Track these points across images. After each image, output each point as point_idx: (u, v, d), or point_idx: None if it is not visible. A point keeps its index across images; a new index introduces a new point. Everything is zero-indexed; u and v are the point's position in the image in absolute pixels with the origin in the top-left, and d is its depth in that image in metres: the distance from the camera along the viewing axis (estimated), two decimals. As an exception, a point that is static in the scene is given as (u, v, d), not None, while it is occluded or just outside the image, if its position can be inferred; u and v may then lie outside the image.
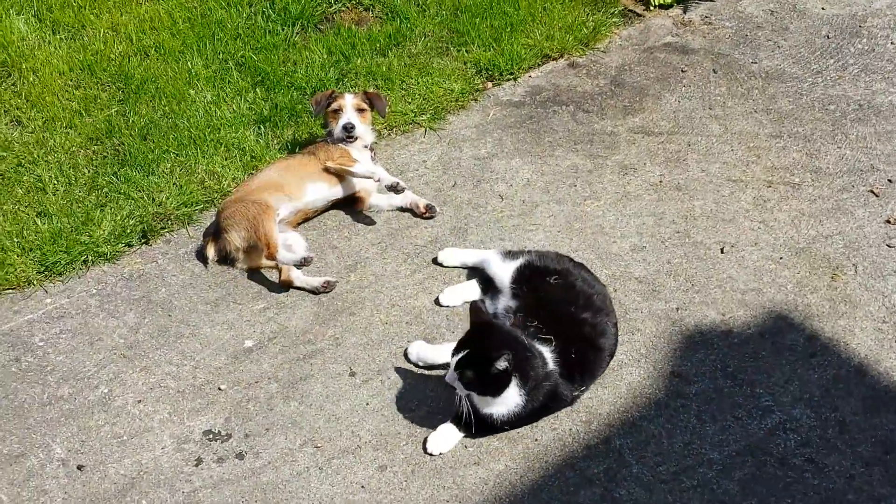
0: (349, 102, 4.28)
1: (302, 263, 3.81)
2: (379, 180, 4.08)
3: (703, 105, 4.78)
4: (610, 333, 3.41)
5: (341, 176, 4.13)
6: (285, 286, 3.85)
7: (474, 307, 3.22)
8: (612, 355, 3.44)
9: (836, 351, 3.55)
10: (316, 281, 3.82)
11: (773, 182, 4.30)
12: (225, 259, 3.94)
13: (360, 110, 4.30)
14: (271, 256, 3.79)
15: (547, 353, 3.24)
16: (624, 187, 4.31)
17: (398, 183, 4.02)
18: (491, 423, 3.19)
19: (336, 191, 4.16)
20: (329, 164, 4.10)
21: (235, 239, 3.84)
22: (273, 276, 3.91)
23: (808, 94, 4.80)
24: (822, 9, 5.41)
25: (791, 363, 3.51)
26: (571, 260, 3.63)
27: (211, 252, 3.93)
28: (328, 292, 3.81)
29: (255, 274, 3.94)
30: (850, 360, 3.52)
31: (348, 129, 4.22)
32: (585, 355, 3.33)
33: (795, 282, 3.83)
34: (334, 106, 4.29)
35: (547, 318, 3.33)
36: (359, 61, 5.01)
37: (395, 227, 4.14)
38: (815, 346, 3.57)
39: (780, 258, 3.93)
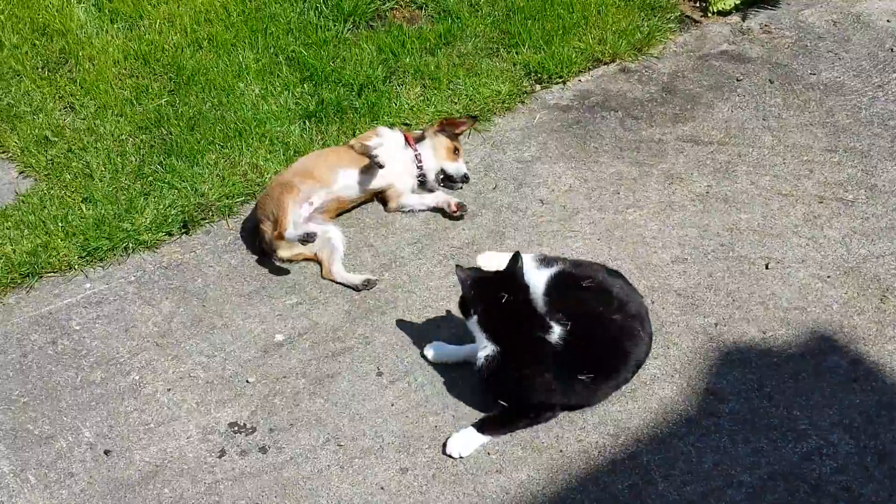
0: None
1: (305, 239, 3.71)
2: (376, 156, 3.95)
3: (756, 116, 4.65)
4: (640, 340, 3.32)
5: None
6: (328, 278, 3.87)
7: (514, 256, 3.31)
8: (638, 364, 3.36)
9: (880, 376, 3.42)
10: (356, 278, 3.81)
11: (825, 198, 4.16)
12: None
13: None
14: (280, 232, 3.75)
15: (557, 329, 3.20)
16: (669, 197, 4.21)
17: (377, 157, 3.92)
18: (478, 371, 3.24)
19: (369, 179, 4.08)
20: (353, 141, 4.07)
21: (269, 228, 3.84)
22: (309, 270, 3.92)
23: (868, 109, 4.64)
24: (888, 21, 5.23)
25: (832, 386, 3.39)
26: (612, 270, 3.56)
27: (277, 254, 3.90)
28: (369, 289, 3.80)
29: (291, 268, 3.94)
30: (895, 386, 3.38)
31: (466, 179, 4.23)
32: (602, 350, 3.25)
33: (842, 302, 3.70)
34: (456, 145, 4.27)
35: (571, 314, 3.27)
36: (407, 59, 4.99)
37: (432, 227, 4.11)
38: (859, 370, 3.44)
39: (828, 277, 3.80)
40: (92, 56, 5.04)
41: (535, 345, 3.19)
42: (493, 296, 3.22)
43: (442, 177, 4.25)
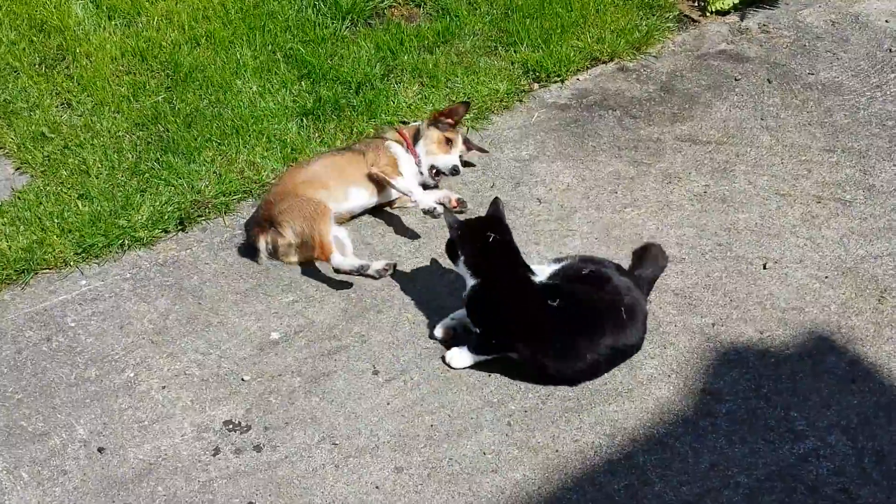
0: (459, 144, 4.18)
1: (359, 272, 3.71)
2: (415, 202, 3.98)
3: (754, 115, 4.65)
4: (622, 324, 3.32)
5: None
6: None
7: (494, 201, 3.60)
8: (615, 348, 3.34)
9: (878, 377, 3.41)
10: (378, 264, 3.76)
11: (823, 198, 4.16)
12: (273, 253, 3.91)
13: (459, 155, 4.20)
14: (325, 258, 3.74)
15: (540, 279, 3.42)
16: (666, 196, 4.20)
17: (434, 209, 3.91)
18: (465, 303, 3.49)
19: (377, 199, 4.11)
20: (373, 169, 4.03)
21: (290, 236, 3.80)
22: (306, 268, 3.90)
23: (866, 109, 4.63)
24: (886, 21, 5.22)
25: (830, 387, 3.38)
26: (625, 270, 3.56)
27: (262, 243, 3.87)
28: (390, 273, 3.76)
29: (288, 266, 3.92)
30: (893, 387, 3.37)
31: (455, 172, 4.11)
32: (581, 312, 3.32)
33: (840, 302, 3.69)
34: (449, 135, 4.15)
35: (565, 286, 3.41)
36: (405, 58, 4.98)
37: (429, 225, 4.10)
38: (857, 370, 3.43)
39: (826, 277, 3.79)
40: (89, 53, 5.02)
41: (517, 279, 3.40)
42: (480, 237, 3.46)
43: (435, 171, 4.19)
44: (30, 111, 4.68)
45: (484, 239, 3.46)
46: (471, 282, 3.45)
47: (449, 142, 4.17)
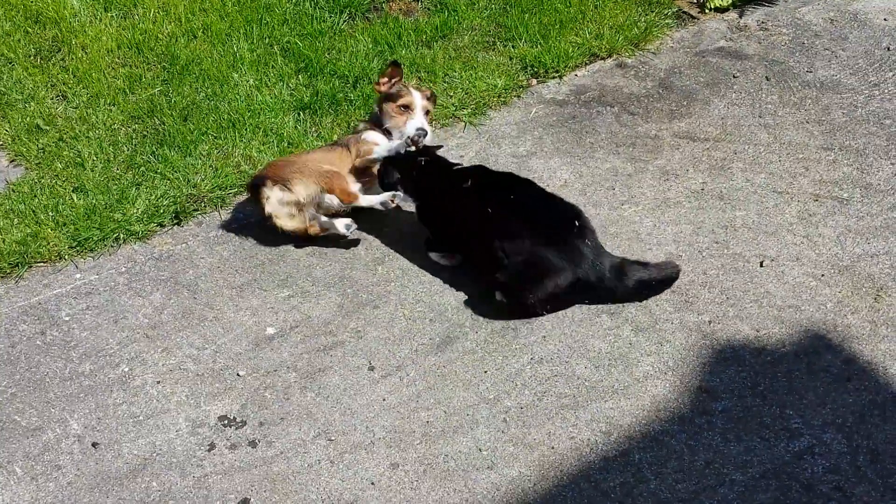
0: (419, 102, 4.03)
1: (387, 203, 3.86)
2: (393, 151, 3.88)
3: (752, 113, 4.64)
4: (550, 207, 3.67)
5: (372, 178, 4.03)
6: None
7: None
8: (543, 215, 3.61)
9: (874, 376, 3.41)
10: (382, 196, 3.88)
11: (821, 196, 4.15)
12: (264, 215, 3.84)
13: (426, 112, 4.06)
14: (352, 200, 3.88)
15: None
16: (664, 193, 4.20)
17: (410, 136, 3.88)
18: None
19: (370, 189, 4.08)
20: (356, 161, 3.98)
21: (300, 193, 3.76)
22: (302, 263, 3.88)
23: (864, 107, 4.62)
24: (885, 20, 5.21)
25: (825, 385, 3.38)
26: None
27: (277, 193, 3.75)
28: (390, 208, 3.88)
29: (284, 260, 3.91)
30: (888, 386, 3.37)
31: (423, 133, 3.93)
32: (499, 195, 3.68)
33: (836, 301, 3.68)
34: (402, 101, 4.03)
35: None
36: (403, 52, 4.96)
37: (426, 221, 4.09)
38: (853, 369, 3.43)
39: (822, 275, 3.79)
40: (85, 44, 5.00)
41: (451, 186, 3.76)
42: (412, 164, 3.85)
43: (410, 140, 3.95)
44: (24, 103, 4.66)
45: (418, 164, 3.84)
46: (413, 203, 3.88)
47: (405, 108, 4.04)
